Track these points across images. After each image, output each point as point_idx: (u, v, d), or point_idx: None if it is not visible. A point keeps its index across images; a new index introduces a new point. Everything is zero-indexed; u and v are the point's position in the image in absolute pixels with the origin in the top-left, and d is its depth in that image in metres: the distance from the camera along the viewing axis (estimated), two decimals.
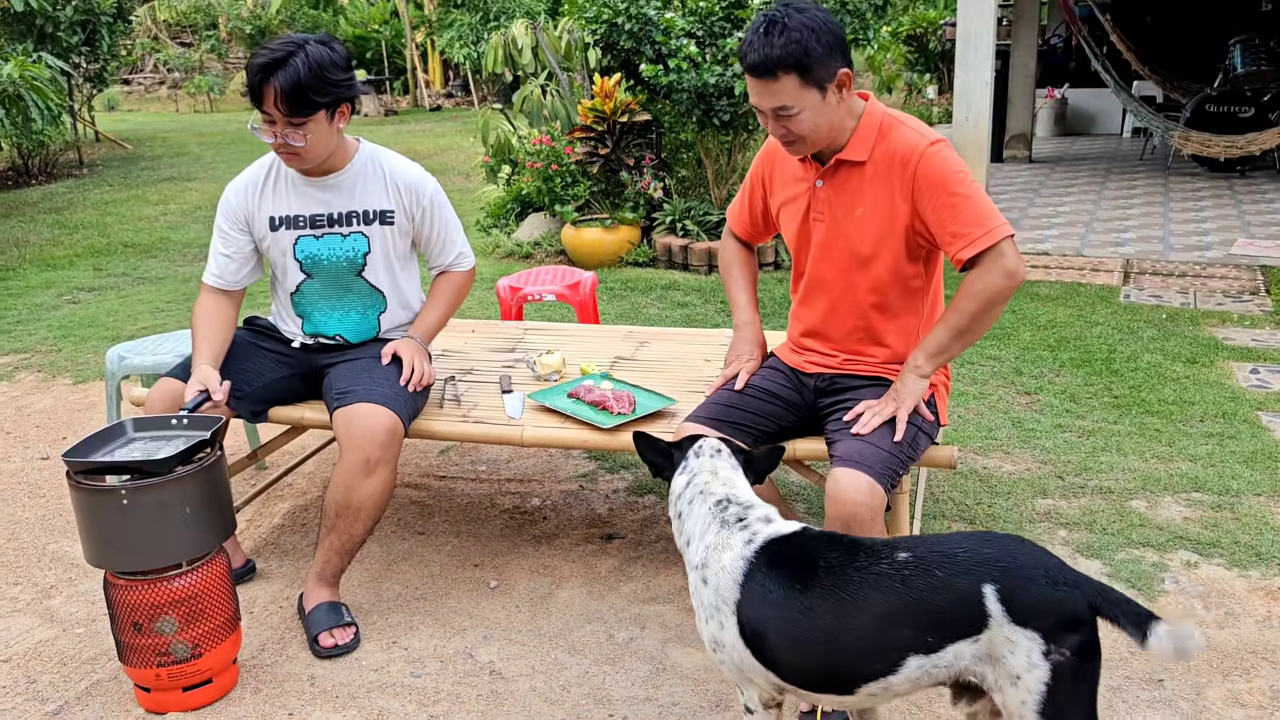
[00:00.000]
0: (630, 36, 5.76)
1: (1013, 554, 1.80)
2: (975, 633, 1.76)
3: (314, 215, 2.89)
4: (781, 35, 2.28)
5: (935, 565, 1.82)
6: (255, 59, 2.62)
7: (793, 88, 2.31)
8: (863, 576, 1.85)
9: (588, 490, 3.69)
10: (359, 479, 2.72)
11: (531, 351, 3.44)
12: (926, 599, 1.79)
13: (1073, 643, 1.72)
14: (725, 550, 1.98)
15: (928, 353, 2.43)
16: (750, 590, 1.92)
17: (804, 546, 1.94)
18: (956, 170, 2.37)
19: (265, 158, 2.95)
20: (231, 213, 2.92)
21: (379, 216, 2.93)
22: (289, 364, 3.02)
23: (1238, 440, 3.86)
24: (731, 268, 2.88)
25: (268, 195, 2.90)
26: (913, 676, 1.83)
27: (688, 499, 2.11)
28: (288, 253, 2.91)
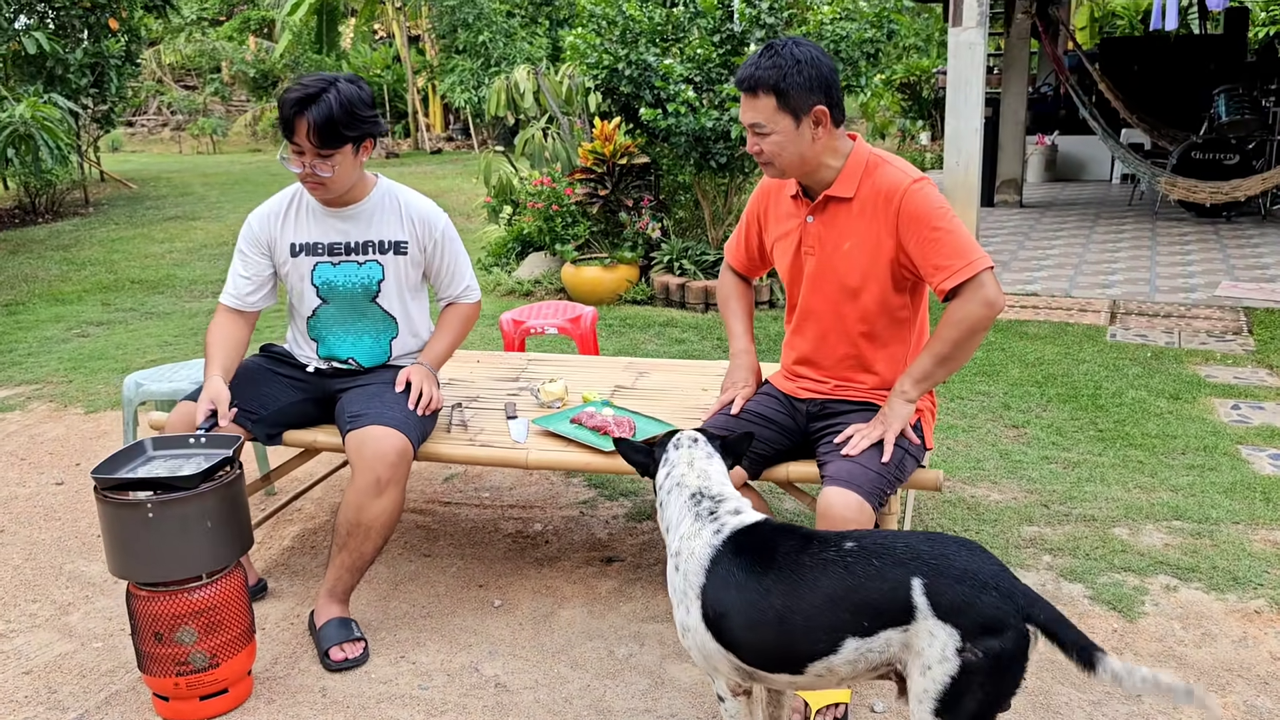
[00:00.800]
0: (630, 81, 5.95)
1: (948, 554, 1.92)
2: (904, 622, 1.89)
3: (332, 243, 3.04)
4: (770, 59, 2.48)
5: (874, 555, 1.96)
6: (289, 94, 2.78)
7: (769, 108, 2.49)
8: (813, 562, 2.00)
9: (588, 516, 3.81)
10: (370, 498, 2.84)
11: (535, 380, 3.57)
12: (864, 585, 1.93)
13: (989, 646, 1.82)
14: (696, 540, 2.14)
15: (913, 379, 2.57)
16: (714, 575, 2.08)
17: (764, 535, 2.10)
18: (938, 206, 2.52)
19: (289, 188, 3.10)
20: (254, 238, 3.07)
21: (393, 247, 3.07)
22: (303, 389, 3.15)
23: (1218, 472, 3.98)
24: (729, 300, 3.02)
25: (289, 223, 3.05)
26: (851, 658, 1.96)
27: (666, 489, 2.27)
28: (305, 278, 3.05)
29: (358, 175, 2.98)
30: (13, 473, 4.36)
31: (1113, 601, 3.10)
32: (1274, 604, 3.08)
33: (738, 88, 2.57)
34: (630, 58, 5.88)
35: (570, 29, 19.53)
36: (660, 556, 3.46)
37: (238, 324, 3.06)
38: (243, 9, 27.20)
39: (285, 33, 21.50)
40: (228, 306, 3.07)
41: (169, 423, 2.98)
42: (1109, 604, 3.09)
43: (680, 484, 2.24)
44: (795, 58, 2.47)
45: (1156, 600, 3.11)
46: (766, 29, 6.05)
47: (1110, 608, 3.07)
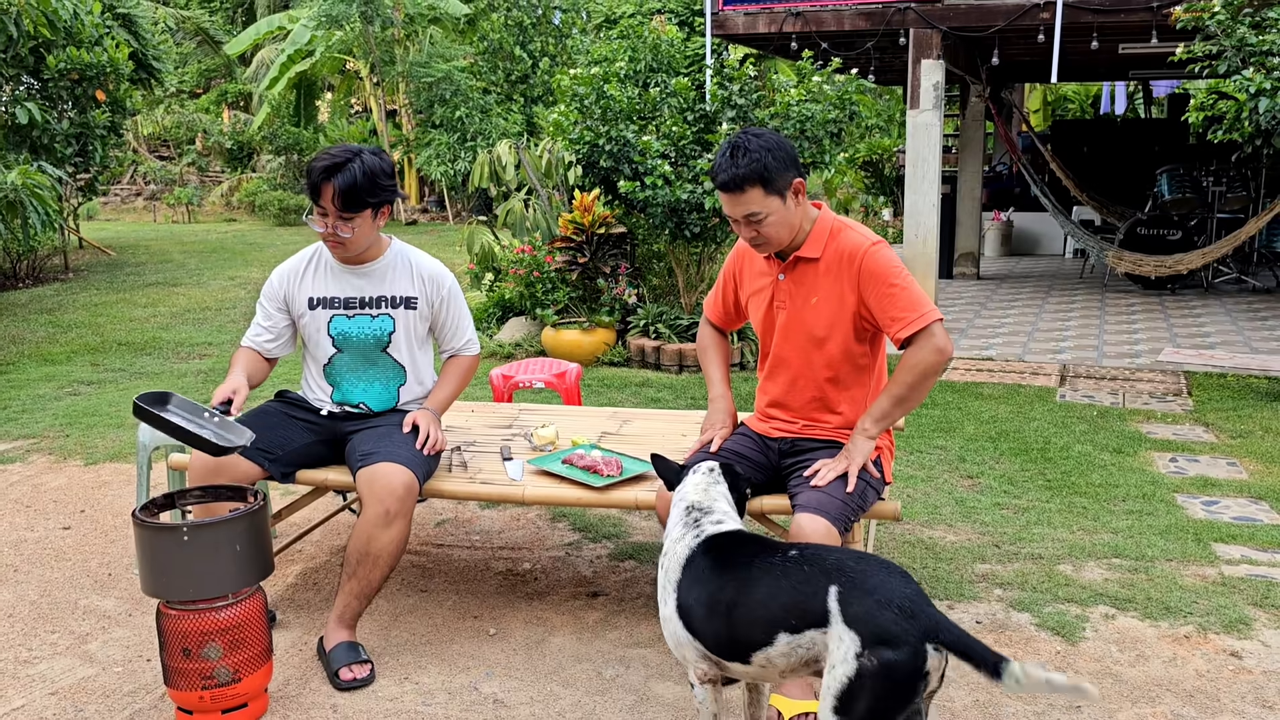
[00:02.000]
0: (610, 156, 6.34)
1: (867, 571, 2.22)
2: (823, 624, 2.19)
3: (348, 298, 3.34)
4: (745, 156, 2.80)
5: (807, 563, 2.30)
6: (318, 162, 3.11)
7: (758, 197, 2.81)
8: (760, 565, 2.36)
9: (574, 556, 4.07)
10: (379, 529, 3.10)
11: (527, 427, 3.86)
12: (795, 588, 2.26)
13: (884, 656, 2.09)
14: (679, 543, 2.51)
15: (873, 418, 2.89)
16: (688, 572, 2.45)
17: (732, 540, 2.47)
18: (894, 266, 2.86)
19: (308, 248, 3.41)
20: (274, 293, 3.37)
21: (404, 302, 3.38)
22: (316, 431, 3.42)
23: (1154, 516, 4.32)
24: (708, 350, 3.34)
25: (308, 279, 3.36)
26: (784, 651, 2.28)
27: (673, 503, 2.65)
28: (322, 329, 3.35)
29: (375, 237, 3.29)
30: (20, 519, 4.55)
31: (1056, 628, 3.40)
32: (1202, 630, 3.38)
33: (722, 190, 2.85)
34: (610, 134, 6.27)
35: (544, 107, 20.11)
36: (642, 592, 3.73)
37: (258, 360, 3.36)
38: (220, 82, 27.73)
39: (264, 106, 21.96)
40: (247, 348, 3.36)
41: (192, 464, 3.23)
42: (1053, 630, 3.39)
43: (683, 499, 2.62)
44: (764, 146, 2.80)
45: (1096, 627, 3.41)
46: (737, 109, 6.48)
47: (1054, 633, 3.37)
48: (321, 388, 3.44)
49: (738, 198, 2.83)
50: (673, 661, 3.18)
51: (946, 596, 3.64)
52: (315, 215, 3.19)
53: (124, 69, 12.60)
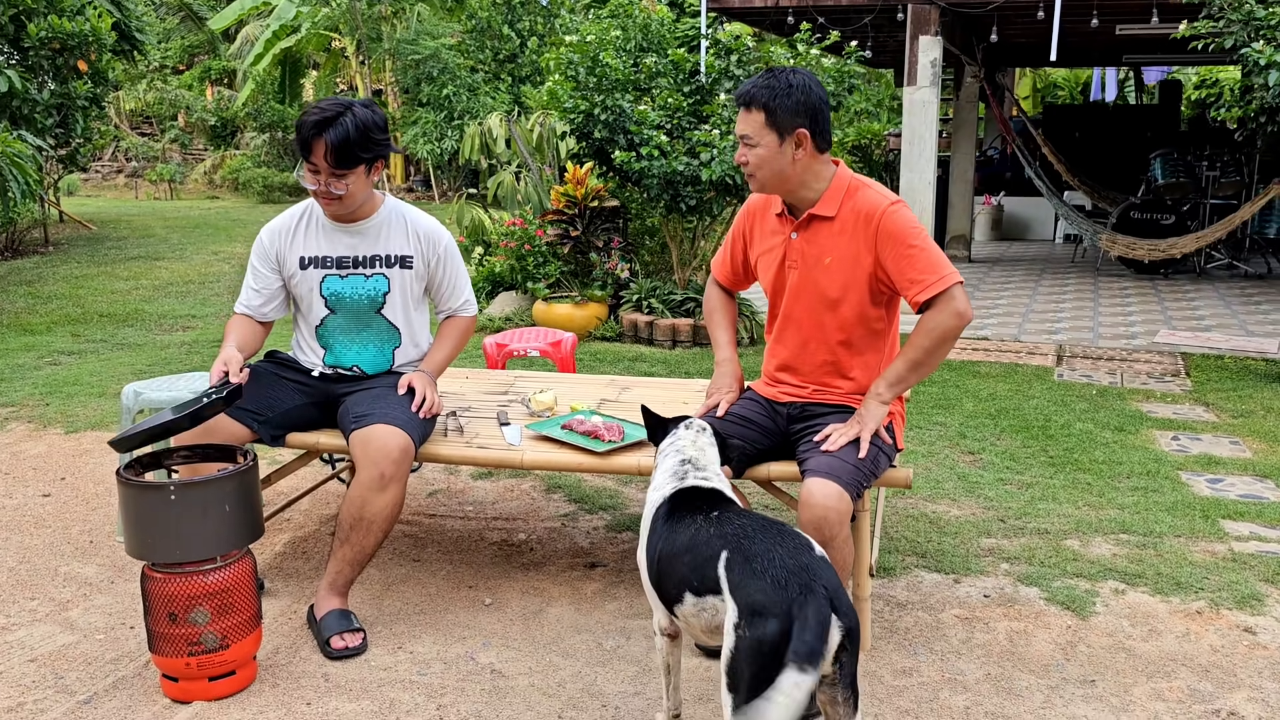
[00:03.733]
0: (605, 126, 6.21)
1: (755, 536, 2.11)
2: (719, 591, 2.10)
3: (340, 257, 3.22)
4: (767, 80, 2.75)
5: (716, 524, 2.23)
6: (308, 116, 2.98)
7: (758, 123, 2.75)
8: (689, 521, 2.31)
9: (570, 527, 3.97)
10: (374, 493, 2.99)
11: (524, 393, 3.75)
12: (698, 548, 2.21)
13: (756, 628, 1.95)
14: (660, 492, 2.47)
15: (888, 382, 2.80)
16: (655, 520, 2.42)
17: (694, 495, 2.41)
18: (913, 226, 2.77)
19: (299, 205, 3.29)
20: (264, 252, 3.24)
21: (399, 261, 3.26)
22: (307, 393, 3.30)
23: (1160, 493, 4.25)
24: (714, 312, 3.24)
25: (299, 237, 3.23)
26: (693, 612, 2.23)
27: (663, 453, 2.59)
28: (314, 289, 3.23)
29: (368, 194, 3.17)
30: None
31: (1066, 603, 3.32)
32: (1214, 605, 3.32)
33: (735, 101, 2.83)
34: (606, 103, 6.15)
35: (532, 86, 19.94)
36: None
37: (253, 326, 3.22)
38: (203, 59, 27.37)
39: (249, 82, 21.67)
40: (240, 314, 3.23)
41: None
42: (1062, 604, 3.31)
43: (678, 450, 2.55)
44: (789, 83, 2.72)
45: (1106, 602, 3.34)
46: (735, 80, 6.37)
47: (1064, 607, 3.29)
48: (313, 349, 3.32)
49: (743, 115, 2.80)
50: None
51: (952, 570, 3.56)
52: (306, 171, 3.07)
53: (106, 39, 12.36)
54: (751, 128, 2.76)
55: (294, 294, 3.30)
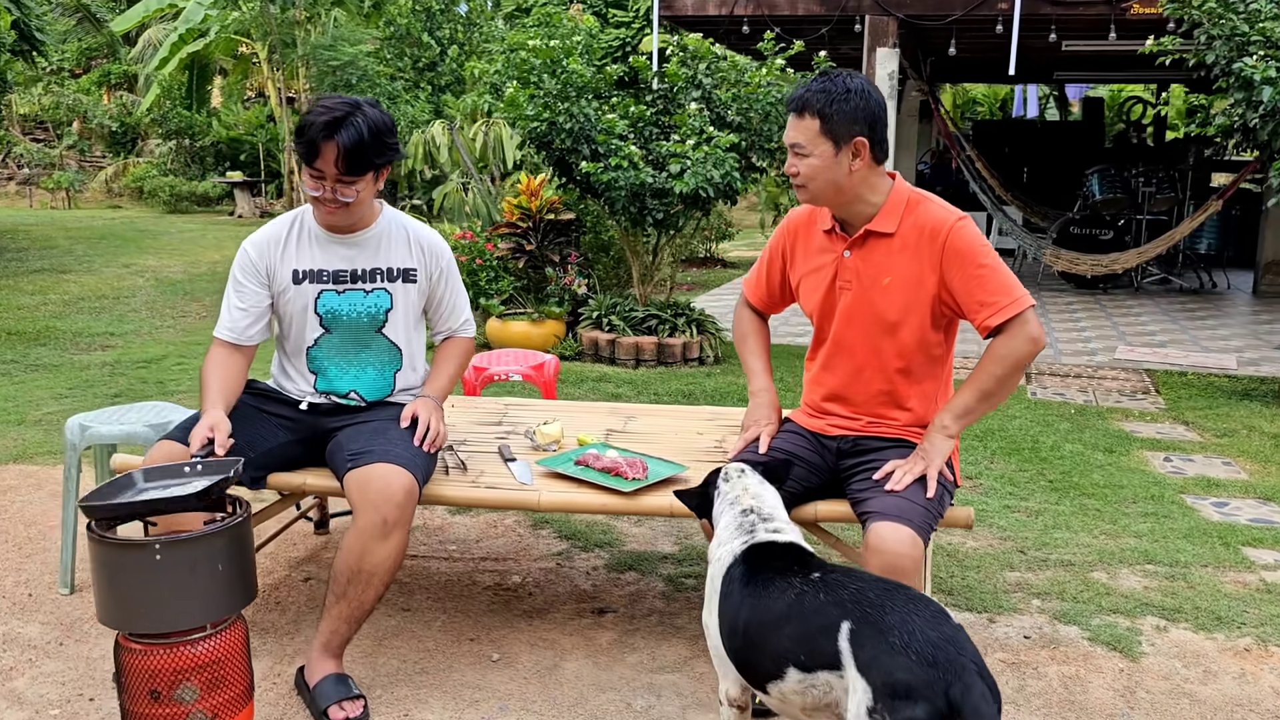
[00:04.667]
0: (569, 135, 5.92)
1: (887, 605, 1.84)
2: (837, 666, 1.84)
3: (337, 270, 2.89)
4: (822, 84, 2.50)
5: (824, 590, 1.95)
6: (315, 116, 2.65)
7: (812, 131, 2.50)
8: (779, 585, 2.03)
9: (566, 567, 3.66)
10: (375, 541, 2.66)
11: (520, 425, 3.44)
12: (806, 618, 1.93)
13: (901, 712, 1.69)
14: (725, 547, 2.22)
15: (954, 414, 2.56)
16: (726, 581, 2.16)
17: (770, 552, 2.15)
18: (982, 244, 2.54)
19: (285, 215, 2.94)
20: (250, 266, 2.88)
21: (402, 274, 2.95)
22: (291, 428, 2.94)
23: (1172, 519, 4.12)
24: (748, 337, 2.98)
25: (290, 250, 2.88)
26: (797, 689, 1.95)
27: (719, 511, 2.35)
28: (309, 306, 2.89)
29: (370, 202, 2.85)
30: None
31: (1111, 643, 3.13)
32: (1260, 641, 3.16)
33: (787, 107, 2.58)
34: (571, 111, 5.85)
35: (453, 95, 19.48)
36: (654, 608, 3.35)
37: (235, 359, 2.84)
38: (102, 62, 26.23)
39: (153, 87, 20.78)
40: (224, 341, 2.85)
41: (147, 463, 2.72)
42: (1109, 645, 3.12)
43: (734, 503, 2.31)
44: (847, 87, 2.49)
45: (1151, 640, 3.16)
46: (702, 89, 6.13)
47: (1111, 648, 3.10)
48: (302, 376, 2.97)
49: (796, 121, 2.54)
50: (710, 687, 2.81)
51: (984, 609, 3.35)
52: (307, 177, 2.73)
53: (5, 38, 11.65)
54: (804, 135, 2.52)
55: (282, 314, 2.94)
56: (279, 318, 2.95)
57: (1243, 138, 5.48)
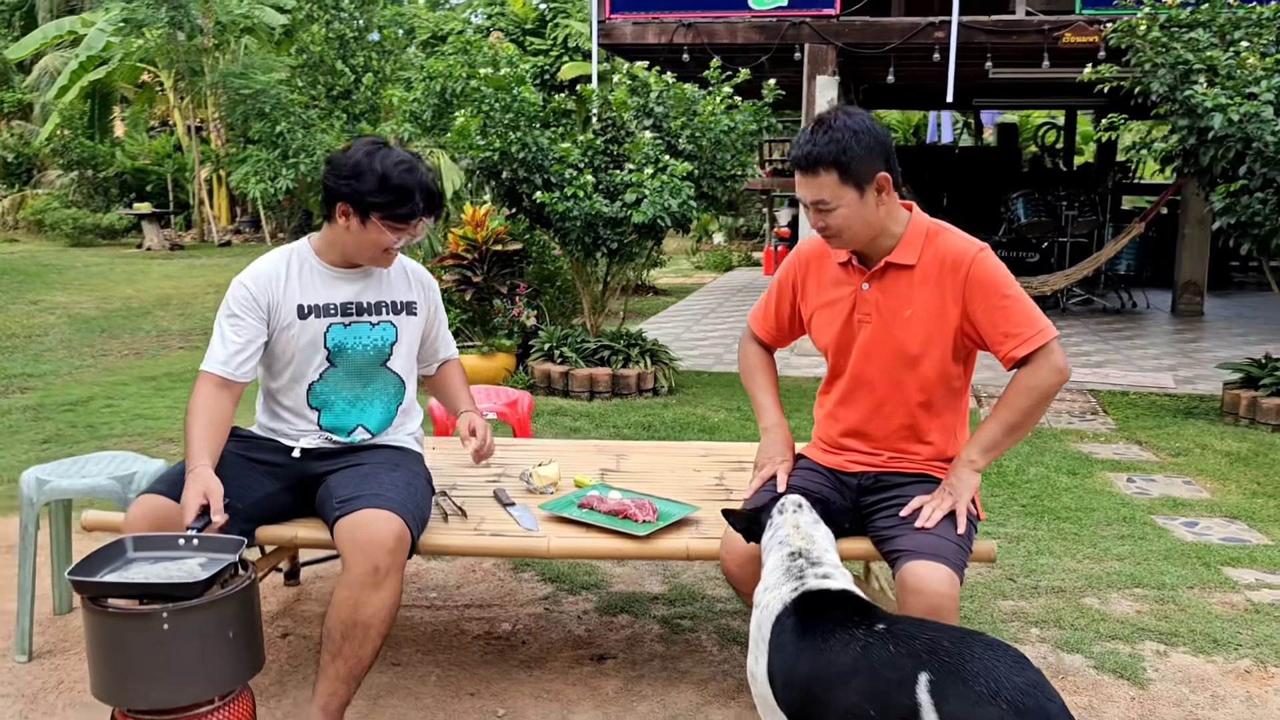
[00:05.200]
0: (522, 165, 5.80)
1: (968, 654, 1.78)
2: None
3: (344, 304, 2.81)
4: (825, 134, 2.42)
5: (894, 641, 1.87)
6: (411, 174, 2.63)
7: (831, 184, 2.43)
8: (841, 637, 1.94)
9: (555, 612, 3.53)
10: (368, 591, 2.51)
11: (509, 466, 3.31)
12: (876, 671, 1.85)
13: None
14: (774, 593, 2.14)
15: (981, 447, 2.52)
16: (776, 630, 2.07)
17: (824, 601, 2.08)
18: (1005, 274, 2.52)
19: (277, 252, 2.83)
20: (249, 301, 2.73)
21: (405, 307, 2.90)
22: (280, 475, 2.78)
23: (1148, 541, 4.16)
24: (756, 372, 2.91)
25: (293, 284, 2.77)
26: None
27: (768, 549, 2.27)
28: (317, 342, 2.78)
29: None
30: None
31: (1117, 670, 3.12)
32: (1259, 663, 3.19)
33: (795, 166, 2.49)
34: (524, 140, 5.74)
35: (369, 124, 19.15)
36: (653, 651, 3.24)
37: (223, 398, 2.67)
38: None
39: (53, 116, 20.04)
40: (216, 377, 2.67)
41: (129, 522, 2.53)
42: (1115, 673, 3.11)
43: (783, 542, 2.24)
44: (851, 128, 2.42)
45: (1155, 666, 3.16)
46: (654, 117, 6.08)
47: (1118, 676, 3.09)
48: (302, 415, 2.82)
49: (810, 180, 2.45)
50: None
51: None
52: (388, 231, 2.67)
53: None
54: (826, 191, 2.44)
55: (280, 350, 2.78)
56: (274, 355, 2.79)
57: (1183, 162, 5.62)
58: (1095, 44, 7.11)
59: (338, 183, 2.66)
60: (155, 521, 2.52)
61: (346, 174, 2.64)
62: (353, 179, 2.64)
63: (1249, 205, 5.28)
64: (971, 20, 7.44)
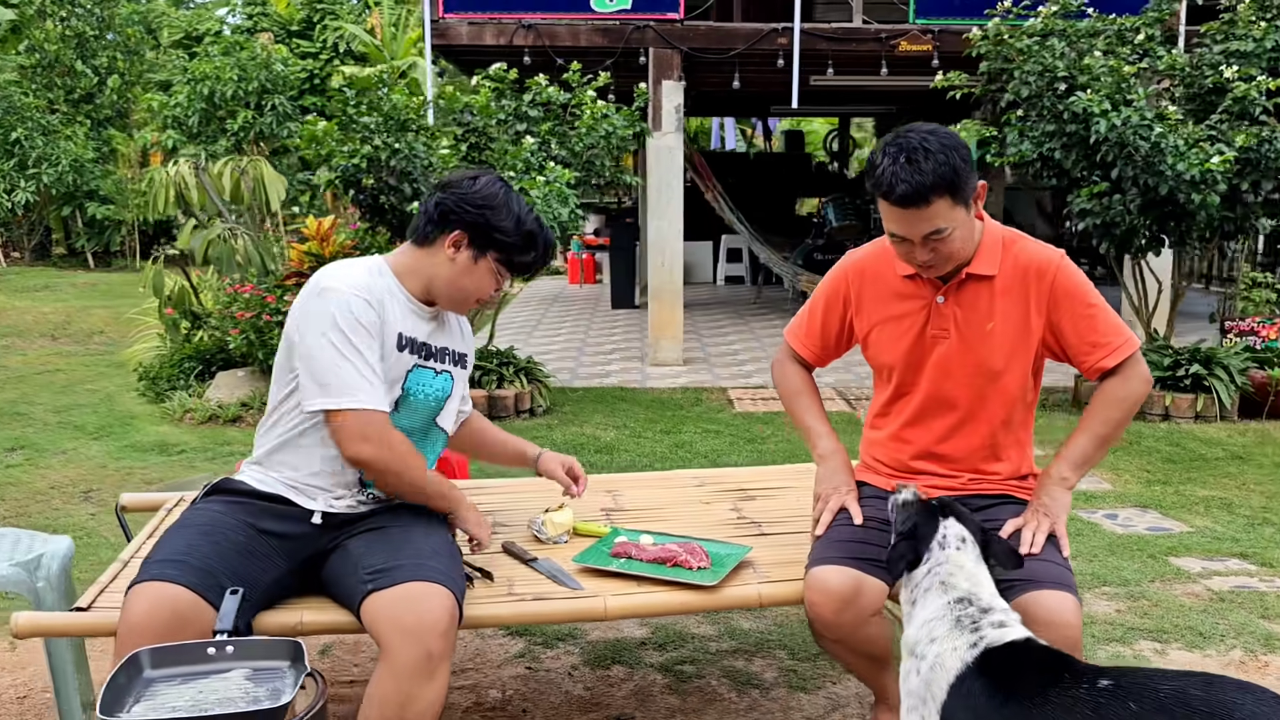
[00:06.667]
0: (391, 172, 5.30)
1: (1229, 703, 1.65)
2: None
3: (424, 343, 2.41)
4: (929, 160, 2.20)
5: (1133, 698, 1.71)
6: (540, 226, 2.41)
7: (945, 209, 2.23)
8: (1059, 699, 1.77)
9: (541, 671, 3.17)
10: (419, 683, 2.12)
11: (494, 512, 2.92)
12: None
13: None
14: (948, 646, 1.92)
15: (1073, 463, 2.41)
16: (957, 692, 1.87)
17: (1016, 658, 1.89)
18: (1087, 282, 2.41)
19: (365, 261, 2.39)
20: (370, 316, 2.26)
21: (460, 359, 2.54)
22: (289, 553, 2.30)
23: (1084, 536, 4.23)
24: (800, 395, 2.68)
25: (391, 308, 2.33)
26: None
27: (925, 587, 2.05)
28: (398, 380, 2.35)
29: None
30: None
31: None
32: (1249, 652, 3.27)
33: (898, 205, 2.22)
34: (395, 146, 5.25)
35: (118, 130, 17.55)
36: (670, 706, 2.95)
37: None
38: None
39: None
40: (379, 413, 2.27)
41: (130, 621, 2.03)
42: None
43: (946, 584, 2.02)
44: (947, 145, 2.21)
45: (1162, 666, 3.17)
46: (528, 121, 5.73)
47: None
48: (341, 471, 2.34)
49: (919, 213, 2.21)
50: None
51: None
52: (490, 276, 2.38)
53: None
54: (940, 219, 2.21)
55: None
56: None
57: (1042, 167, 5.85)
58: (929, 52, 7.34)
59: (464, 208, 2.30)
60: (168, 620, 2.02)
61: (479, 202, 2.30)
62: (486, 209, 2.30)
63: (1110, 206, 5.55)
64: (812, 27, 7.51)
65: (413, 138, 5.31)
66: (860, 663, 2.47)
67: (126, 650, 1.99)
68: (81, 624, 2.24)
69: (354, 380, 2.20)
